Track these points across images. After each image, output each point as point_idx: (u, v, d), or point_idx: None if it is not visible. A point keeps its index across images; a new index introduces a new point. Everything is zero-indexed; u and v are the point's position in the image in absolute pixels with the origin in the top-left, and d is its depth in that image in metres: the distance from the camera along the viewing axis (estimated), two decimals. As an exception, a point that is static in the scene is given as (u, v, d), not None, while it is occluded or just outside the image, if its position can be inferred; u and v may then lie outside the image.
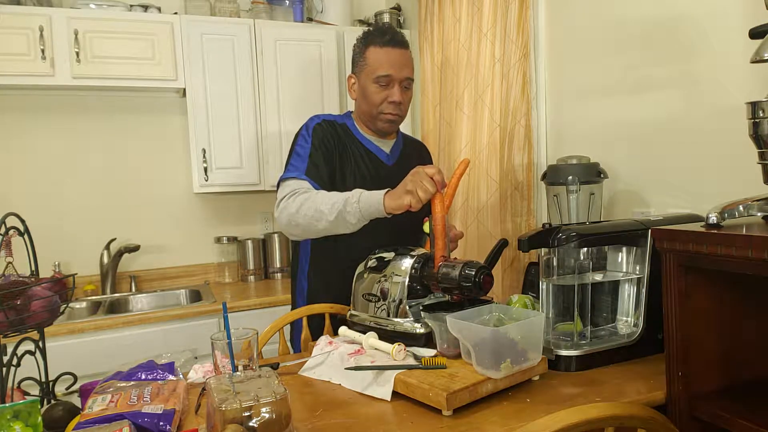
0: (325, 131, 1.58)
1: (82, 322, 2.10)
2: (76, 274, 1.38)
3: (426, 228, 1.33)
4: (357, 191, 1.36)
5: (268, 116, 2.58)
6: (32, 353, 1.19)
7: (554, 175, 1.55)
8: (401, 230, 1.52)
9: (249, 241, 2.77)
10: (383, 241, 1.44)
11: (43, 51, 2.21)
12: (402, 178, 1.33)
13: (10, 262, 1.18)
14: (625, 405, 0.79)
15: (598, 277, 1.34)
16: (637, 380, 1.15)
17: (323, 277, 1.64)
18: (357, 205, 1.33)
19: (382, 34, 1.56)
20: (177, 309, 2.25)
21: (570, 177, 1.50)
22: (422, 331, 1.24)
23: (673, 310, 1.04)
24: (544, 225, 1.29)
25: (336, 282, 1.57)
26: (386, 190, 1.32)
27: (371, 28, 1.61)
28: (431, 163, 1.86)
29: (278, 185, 1.55)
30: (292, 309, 1.70)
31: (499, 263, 1.98)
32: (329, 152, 1.56)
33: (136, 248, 2.60)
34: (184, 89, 2.46)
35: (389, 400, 1.07)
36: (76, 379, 1.28)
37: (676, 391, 1.04)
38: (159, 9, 2.51)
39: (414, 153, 1.77)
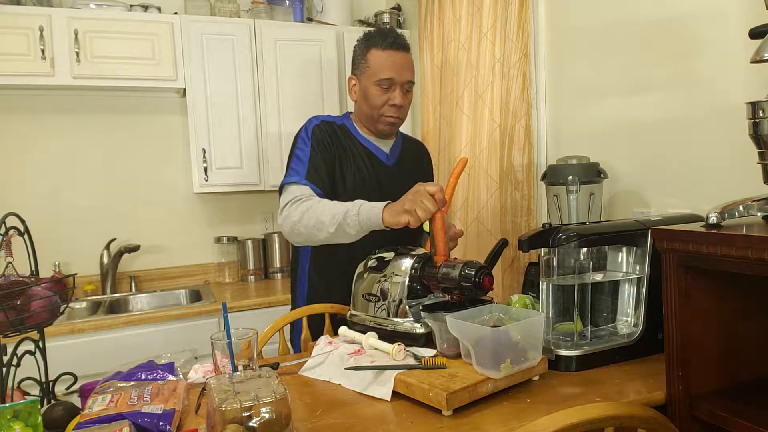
0: (324, 132, 1.58)
1: (82, 322, 2.09)
2: (76, 274, 1.37)
3: (426, 226, 1.33)
4: (357, 203, 1.36)
5: (268, 116, 2.58)
6: (32, 353, 1.19)
7: (554, 175, 1.55)
8: (401, 231, 1.51)
9: (249, 241, 2.77)
10: (383, 241, 1.44)
11: (43, 51, 2.21)
12: (401, 179, 1.33)
13: (10, 262, 1.18)
14: (625, 405, 0.80)
15: (598, 277, 1.33)
16: (637, 380, 1.15)
17: (324, 277, 1.64)
18: (356, 218, 1.34)
19: (385, 37, 1.56)
20: (177, 309, 2.24)
21: (570, 177, 1.50)
22: (422, 331, 1.24)
23: (673, 310, 1.04)
24: (544, 225, 1.29)
25: (336, 282, 1.58)
26: (386, 203, 1.32)
27: (373, 30, 1.61)
28: (430, 162, 1.87)
29: (280, 190, 1.56)
30: (292, 309, 1.70)
31: (499, 263, 1.98)
32: (329, 153, 1.56)
33: (136, 248, 2.60)
34: (184, 89, 2.46)
35: (389, 400, 1.07)
36: (76, 379, 1.28)
37: (676, 391, 1.04)
38: (159, 9, 2.51)
39: (413, 153, 1.77)
